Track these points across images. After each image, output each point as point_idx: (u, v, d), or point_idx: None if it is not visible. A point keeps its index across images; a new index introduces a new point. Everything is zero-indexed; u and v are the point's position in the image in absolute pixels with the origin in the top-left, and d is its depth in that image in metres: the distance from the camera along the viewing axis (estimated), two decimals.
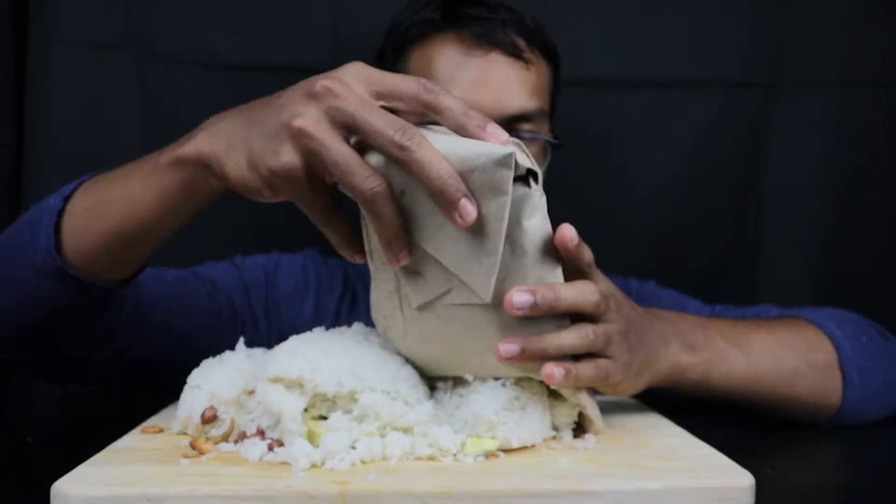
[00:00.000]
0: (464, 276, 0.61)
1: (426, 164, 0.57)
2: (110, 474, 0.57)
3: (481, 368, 0.67)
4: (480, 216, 0.58)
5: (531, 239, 0.61)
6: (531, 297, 0.61)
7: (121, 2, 1.18)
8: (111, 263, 0.75)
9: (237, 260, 1.08)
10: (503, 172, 0.57)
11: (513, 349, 0.62)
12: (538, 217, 0.61)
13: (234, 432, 0.67)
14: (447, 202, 0.57)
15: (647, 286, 1.14)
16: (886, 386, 0.90)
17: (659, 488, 0.56)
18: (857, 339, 0.89)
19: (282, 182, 0.60)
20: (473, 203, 0.57)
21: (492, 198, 0.58)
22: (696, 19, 1.27)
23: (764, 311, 1.03)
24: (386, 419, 0.63)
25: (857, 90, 1.27)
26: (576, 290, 0.65)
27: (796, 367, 0.85)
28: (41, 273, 0.74)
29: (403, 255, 0.61)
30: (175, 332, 0.93)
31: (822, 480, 0.76)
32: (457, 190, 0.57)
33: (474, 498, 0.55)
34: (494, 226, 0.58)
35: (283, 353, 0.65)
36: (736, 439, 0.75)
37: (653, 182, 1.29)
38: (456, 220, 0.57)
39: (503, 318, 0.63)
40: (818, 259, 1.28)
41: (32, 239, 0.74)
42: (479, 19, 0.96)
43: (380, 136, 0.57)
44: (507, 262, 0.61)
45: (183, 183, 0.67)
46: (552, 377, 0.63)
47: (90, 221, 0.73)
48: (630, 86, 1.28)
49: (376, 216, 0.59)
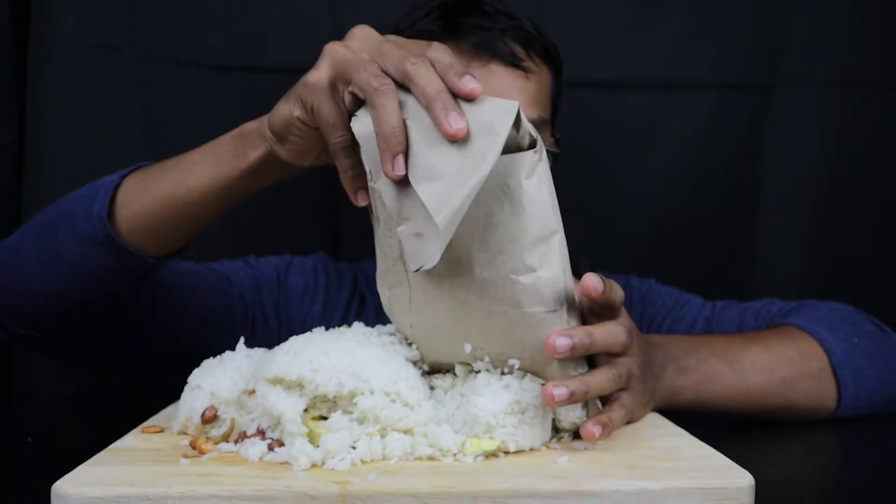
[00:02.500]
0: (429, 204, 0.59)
1: (425, 81, 0.60)
2: (110, 474, 0.57)
3: (481, 339, 0.66)
4: (471, 146, 0.58)
5: (530, 198, 0.61)
6: (570, 341, 0.64)
7: (121, 2, 1.18)
8: (158, 234, 0.79)
9: (251, 259, 1.10)
10: (503, 117, 0.58)
11: (563, 393, 0.64)
12: (535, 179, 0.62)
13: (234, 432, 0.67)
14: (438, 110, 0.58)
15: (647, 284, 1.14)
16: (881, 383, 0.91)
17: (659, 488, 0.56)
18: (849, 342, 0.90)
19: (308, 90, 0.66)
20: (464, 118, 0.58)
21: (485, 136, 0.58)
22: (694, 21, 1.28)
23: (765, 305, 1.04)
24: (386, 422, 0.63)
25: (853, 90, 1.27)
26: (608, 333, 0.67)
27: (788, 377, 0.87)
28: (89, 240, 0.78)
29: (398, 163, 0.60)
30: (188, 321, 0.96)
31: (822, 480, 0.76)
32: (450, 103, 0.59)
33: (474, 498, 0.55)
34: (478, 162, 0.58)
35: (283, 354, 0.65)
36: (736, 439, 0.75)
37: (651, 182, 1.29)
38: (445, 126, 0.58)
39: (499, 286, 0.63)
40: (815, 258, 1.29)
41: (86, 208, 0.79)
42: (478, 29, 0.95)
43: (394, 56, 0.62)
44: (506, 220, 0.61)
45: (238, 148, 0.75)
46: (593, 436, 0.65)
47: (144, 189, 0.79)
48: (628, 86, 1.28)
49: (378, 107, 0.60)
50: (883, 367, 0.91)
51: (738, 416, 0.87)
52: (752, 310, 1.04)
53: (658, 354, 0.78)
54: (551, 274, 0.63)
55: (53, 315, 0.84)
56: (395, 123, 0.60)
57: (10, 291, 0.85)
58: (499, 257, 0.62)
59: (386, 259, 0.68)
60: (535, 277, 0.63)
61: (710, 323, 1.06)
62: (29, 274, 0.83)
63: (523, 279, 0.63)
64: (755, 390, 0.85)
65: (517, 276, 0.63)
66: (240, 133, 0.75)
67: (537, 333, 0.64)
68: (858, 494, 0.70)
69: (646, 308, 1.10)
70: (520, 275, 0.63)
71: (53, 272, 0.81)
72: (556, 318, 0.64)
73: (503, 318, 0.64)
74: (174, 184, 0.78)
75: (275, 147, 0.72)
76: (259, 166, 0.75)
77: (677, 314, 1.08)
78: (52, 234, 0.81)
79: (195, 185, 0.77)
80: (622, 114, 1.28)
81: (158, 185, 0.79)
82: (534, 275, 0.63)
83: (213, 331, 0.99)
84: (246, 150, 0.74)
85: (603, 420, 0.66)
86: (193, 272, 1.00)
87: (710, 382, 0.83)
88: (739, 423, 0.88)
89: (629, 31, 1.28)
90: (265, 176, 0.76)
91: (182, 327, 0.95)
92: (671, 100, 1.28)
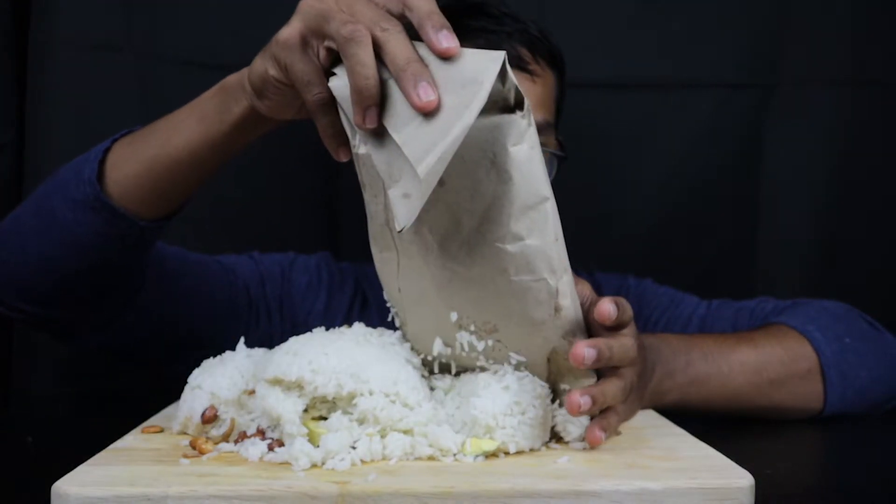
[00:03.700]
0: (410, 155, 0.57)
1: (396, 47, 0.58)
2: (110, 474, 0.57)
3: (466, 307, 0.66)
4: (455, 97, 0.56)
5: (517, 166, 0.60)
6: (595, 353, 0.65)
7: (121, 2, 1.18)
8: (148, 196, 0.79)
9: (255, 255, 1.11)
10: (489, 66, 0.56)
11: (587, 402, 0.65)
12: (525, 146, 0.60)
13: (234, 432, 0.67)
14: (406, 81, 0.56)
15: (644, 283, 1.15)
16: (873, 382, 0.92)
17: (659, 488, 0.56)
18: (840, 341, 0.91)
19: (280, 47, 0.64)
20: (435, 89, 0.56)
21: (469, 86, 0.56)
22: (694, 21, 1.28)
23: (759, 304, 1.04)
24: (385, 422, 0.63)
25: (853, 90, 1.27)
26: (623, 347, 0.67)
27: (775, 378, 0.88)
28: (81, 205, 0.78)
29: (370, 116, 0.59)
30: (193, 308, 0.98)
31: (822, 480, 0.76)
32: (419, 72, 0.56)
33: (474, 498, 0.55)
34: (459, 112, 0.55)
35: (283, 355, 0.65)
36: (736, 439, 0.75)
37: (651, 182, 1.29)
38: (413, 98, 0.56)
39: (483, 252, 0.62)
40: (815, 257, 1.29)
41: (77, 174, 0.79)
42: (484, 32, 0.95)
43: (365, 17, 0.60)
44: (493, 188, 0.60)
45: (222, 104, 0.74)
46: (599, 440, 0.66)
47: (133, 150, 0.79)
48: (628, 87, 1.28)
49: (350, 57, 0.59)
50: (875, 366, 0.92)
51: (724, 415, 0.88)
52: (747, 308, 1.04)
53: (648, 357, 0.78)
54: (540, 242, 0.62)
55: (52, 286, 0.85)
56: (367, 74, 0.58)
57: (11, 264, 0.85)
58: (485, 225, 0.61)
59: (373, 223, 0.67)
60: (523, 246, 0.62)
61: (705, 322, 1.06)
62: (27, 244, 0.83)
63: (510, 247, 0.62)
64: (741, 392, 0.87)
65: (503, 244, 0.62)
66: (221, 88, 0.74)
67: (524, 302, 0.63)
68: (858, 494, 0.70)
69: (642, 307, 1.10)
70: (506, 243, 0.62)
71: (49, 240, 0.81)
72: (545, 287, 0.63)
73: (489, 286, 0.63)
74: (161, 143, 0.77)
75: (255, 102, 0.71)
76: (243, 121, 0.73)
77: (673, 313, 1.09)
78: (47, 203, 0.82)
79: (182, 144, 0.76)
80: (622, 114, 1.28)
81: (146, 146, 0.78)
82: (521, 243, 0.62)
83: (217, 321, 1.00)
84: (229, 106, 0.73)
85: (604, 425, 0.67)
86: (200, 262, 1.01)
87: (695, 385, 0.84)
88: (739, 424, 0.88)
89: (629, 31, 1.28)
90: (250, 130, 0.75)
91: (186, 314, 0.97)
92: (671, 100, 1.28)
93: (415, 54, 0.58)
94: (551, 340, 0.66)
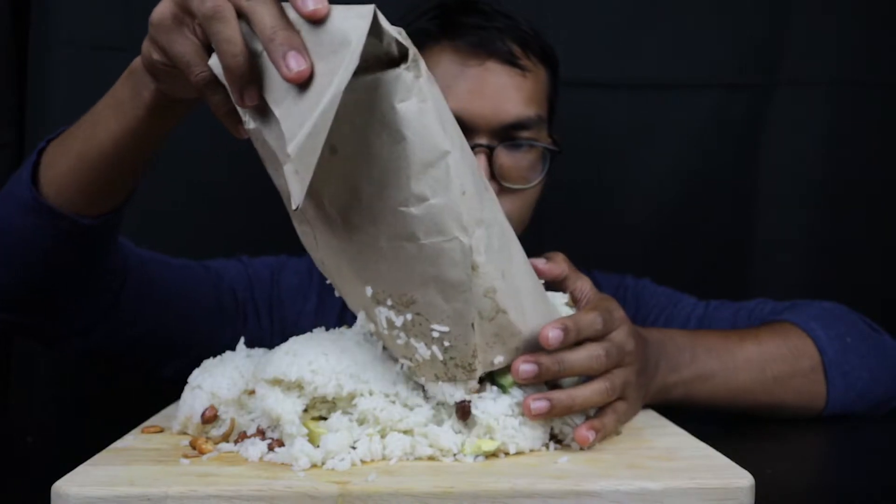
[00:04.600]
0: (287, 131, 0.54)
1: (262, 16, 0.54)
2: (110, 474, 0.57)
3: (380, 280, 0.62)
4: (328, 63, 0.53)
5: (407, 123, 0.56)
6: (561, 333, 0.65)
7: (121, 2, 1.18)
8: (84, 192, 0.77)
9: (244, 258, 1.10)
10: (358, 23, 0.52)
11: (542, 406, 0.64)
12: (414, 100, 0.56)
13: (234, 432, 0.67)
14: (274, 52, 0.53)
15: (642, 283, 1.14)
16: (874, 383, 0.92)
17: (659, 488, 0.56)
18: (842, 341, 0.91)
19: (154, 29, 0.61)
20: (307, 58, 0.53)
21: (340, 48, 0.52)
22: (693, 21, 1.28)
23: (758, 305, 1.04)
24: (385, 423, 0.63)
25: (852, 90, 1.27)
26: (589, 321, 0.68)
27: (779, 375, 0.88)
28: (24, 208, 0.77)
29: (249, 92, 0.56)
30: (176, 312, 0.97)
31: (822, 480, 0.76)
32: (286, 41, 0.53)
33: (474, 498, 0.55)
34: (330, 79, 0.52)
35: (283, 355, 0.65)
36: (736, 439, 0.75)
37: (650, 182, 1.29)
38: (283, 70, 0.53)
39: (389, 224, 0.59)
40: (815, 258, 1.29)
41: (18, 178, 0.78)
42: (476, 28, 0.96)
43: None
44: (387, 150, 0.57)
45: (132, 89, 0.70)
46: (587, 440, 0.65)
47: (63, 149, 0.77)
48: (628, 86, 1.28)
49: (214, 35, 0.56)
50: (875, 367, 0.92)
51: (727, 412, 0.88)
52: (746, 309, 1.04)
53: (652, 353, 0.78)
54: (446, 200, 0.58)
55: (21, 292, 0.84)
56: (234, 51, 0.55)
57: None
58: (385, 190, 0.58)
59: (284, 198, 0.62)
60: (428, 206, 0.58)
61: (703, 322, 1.06)
62: None
63: (414, 210, 0.58)
64: (746, 388, 0.87)
65: (407, 207, 0.58)
66: (130, 72, 0.71)
67: (438, 265, 0.60)
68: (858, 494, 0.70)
69: (640, 306, 1.10)
70: (410, 206, 0.58)
71: (7, 246, 0.81)
72: (458, 247, 0.59)
73: (400, 254, 0.60)
74: (86, 138, 0.75)
75: (157, 85, 0.68)
76: (156, 105, 0.70)
77: (671, 313, 1.08)
78: (2, 210, 0.81)
79: (104, 136, 0.73)
80: (622, 114, 1.28)
81: (73, 143, 0.76)
82: (426, 204, 0.58)
83: (203, 324, 0.99)
84: (139, 90, 0.70)
85: (596, 425, 0.66)
86: (183, 266, 1.00)
87: (701, 380, 0.84)
88: (739, 423, 0.88)
89: (629, 31, 1.27)
90: (168, 113, 0.71)
91: (170, 319, 0.96)
92: (671, 100, 1.28)
93: (282, 21, 0.54)
94: (473, 302, 0.62)
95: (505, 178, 0.96)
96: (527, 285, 0.67)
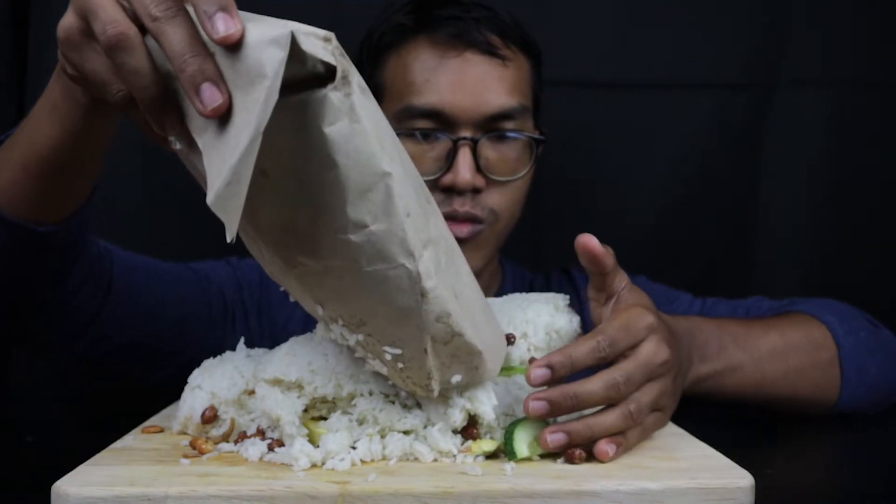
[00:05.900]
0: (208, 172, 0.49)
1: (171, 40, 0.49)
2: (110, 474, 0.57)
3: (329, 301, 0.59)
4: (248, 95, 0.48)
5: (338, 148, 0.51)
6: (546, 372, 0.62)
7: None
8: (33, 199, 0.72)
9: (233, 260, 1.09)
10: (273, 52, 0.47)
11: (559, 439, 0.61)
12: (345, 122, 0.51)
13: (234, 432, 0.67)
14: (186, 84, 0.48)
15: (638, 280, 1.14)
16: (881, 379, 0.92)
17: (659, 488, 0.56)
18: (856, 335, 0.91)
19: (62, 45, 0.56)
20: (223, 90, 0.48)
21: (257, 82, 0.47)
22: (693, 21, 1.28)
23: (756, 303, 1.04)
24: (385, 423, 0.63)
25: (852, 90, 1.28)
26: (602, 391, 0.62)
27: (799, 366, 0.88)
28: None
29: (169, 121, 0.52)
30: (165, 317, 0.95)
31: (822, 480, 0.76)
32: (199, 71, 0.48)
33: (474, 498, 0.55)
34: (246, 117, 0.47)
35: (283, 355, 0.65)
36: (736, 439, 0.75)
37: (650, 182, 1.29)
38: (197, 105, 0.48)
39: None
40: (815, 257, 1.29)
41: None
42: (453, 20, 0.95)
43: (139, 3, 0.51)
44: (318, 177, 0.52)
45: (66, 88, 0.64)
46: (606, 455, 0.61)
47: (6, 157, 0.72)
48: (628, 87, 1.28)
49: (121, 68, 0.51)
50: (881, 361, 0.92)
51: (748, 404, 0.88)
52: (743, 307, 1.04)
53: (684, 347, 0.75)
54: (387, 225, 0.54)
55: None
56: (143, 83, 0.50)
57: None
58: (321, 217, 0.54)
59: None
60: (368, 234, 0.53)
61: None
62: None
63: (353, 237, 0.54)
64: (769, 380, 0.86)
65: (346, 234, 0.54)
66: (59, 73, 0.64)
67: (384, 293, 0.56)
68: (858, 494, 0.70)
69: None
70: (349, 233, 0.54)
71: None
72: (404, 274, 0.55)
73: (344, 278, 0.56)
74: (28, 143, 0.70)
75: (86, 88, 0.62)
76: (91, 106, 0.64)
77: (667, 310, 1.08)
78: None
79: (43, 141, 0.68)
80: (622, 114, 1.28)
81: (16, 149, 0.72)
82: (365, 231, 0.53)
83: (192, 328, 0.98)
84: (72, 92, 0.64)
85: (618, 439, 0.62)
86: (170, 270, 0.99)
87: (730, 372, 0.84)
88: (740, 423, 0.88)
89: (629, 31, 1.28)
90: (105, 113, 0.66)
91: (158, 323, 0.95)
92: (671, 100, 1.28)
93: (194, 45, 0.49)
94: (425, 328, 0.58)
95: (491, 170, 0.95)
96: (474, 296, 0.63)
